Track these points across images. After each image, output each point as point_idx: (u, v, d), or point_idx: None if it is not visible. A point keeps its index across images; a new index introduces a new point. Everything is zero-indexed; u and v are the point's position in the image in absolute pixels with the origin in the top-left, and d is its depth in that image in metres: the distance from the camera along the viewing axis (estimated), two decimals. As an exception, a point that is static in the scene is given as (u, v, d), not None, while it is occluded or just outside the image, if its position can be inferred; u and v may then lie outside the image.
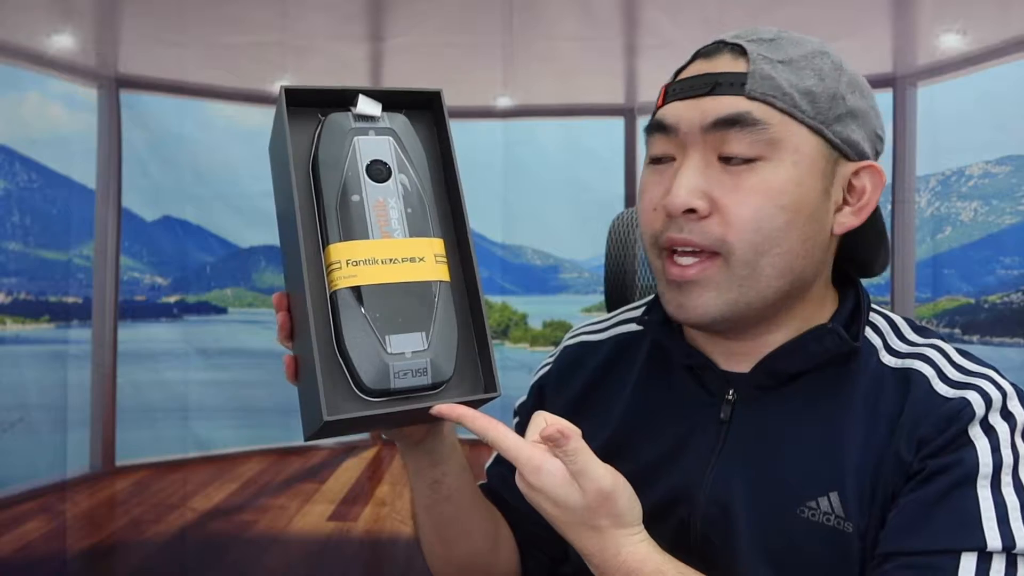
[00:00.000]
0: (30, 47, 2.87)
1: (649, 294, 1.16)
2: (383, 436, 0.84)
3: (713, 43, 0.79)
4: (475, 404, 0.71)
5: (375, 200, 0.69)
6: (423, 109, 0.76)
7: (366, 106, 0.72)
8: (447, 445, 0.82)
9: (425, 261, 0.69)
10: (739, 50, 0.76)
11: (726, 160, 0.73)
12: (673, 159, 0.77)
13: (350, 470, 3.32)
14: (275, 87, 3.19)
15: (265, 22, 3.06)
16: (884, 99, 2.83)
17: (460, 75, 3.24)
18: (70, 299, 3.03)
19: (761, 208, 0.72)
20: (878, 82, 2.81)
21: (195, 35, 3.03)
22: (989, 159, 2.96)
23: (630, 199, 3.15)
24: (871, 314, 0.82)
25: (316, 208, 0.70)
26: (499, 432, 0.69)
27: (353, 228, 0.68)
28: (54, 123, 3.02)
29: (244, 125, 3.28)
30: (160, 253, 3.28)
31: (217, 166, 3.17)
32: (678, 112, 0.75)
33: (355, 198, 0.69)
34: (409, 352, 0.68)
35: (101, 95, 3.06)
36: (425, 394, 0.69)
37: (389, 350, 0.67)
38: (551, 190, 3.17)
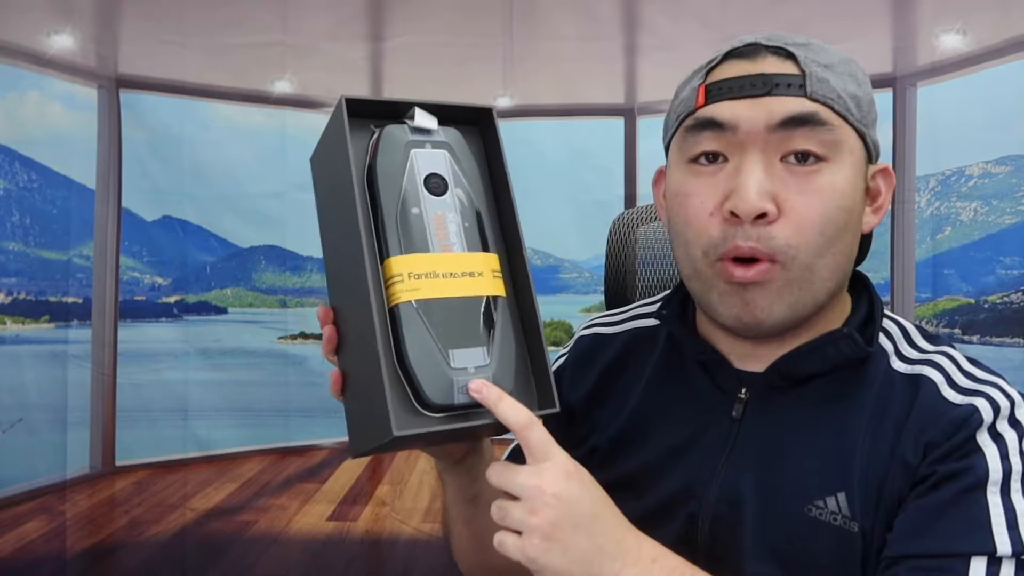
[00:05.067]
0: (30, 47, 2.87)
1: (649, 294, 1.16)
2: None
3: (747, 45, 0.77)
4: None
5: (434, 213, 0.69)
6: (473, 124, 0.76)
7: (423, 119, 0.71)
8: (486, 460, 0.81)
9: (483, 276, 0.69)
10: (783, 53, 0.75)
11: (788, 161, 0.74)
12: (723, 158, 0.76)
13: (350, 470, 3.33)
14: (275, 87, 3.20)
15: (265, 22, 3.06)
16: (884, 99, 2.84)
17: (460, 75, 3.24)
18: (70, 299, 3.03)
19: (827, 210, 0.73)
20: (878, 82, 2.82)
21: (195, 35, 3.03)
22: (989, 159, 2.96)
23: (630, 199, 3.15)
24: (884, 320, 0.82)
25: (373, 220, 0.69)
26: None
27: (413, 241, 0.68)
28: (54, 123, 3.03)
29: (244, 125, 3.28)
30: (160, 253, 3.29)
31: (217, 166, 3.18)
32: (735, 111, 0.74)
33: (415, 211, 0.68)
34: (472, 367, 0.67)
35: (101, 95, 3.07)
36: (484, 410, 0.67)
37: (453, 365, 0.67)
38: (551, 190, 3.17)
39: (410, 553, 2.93)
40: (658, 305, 0.90)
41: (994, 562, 0.67)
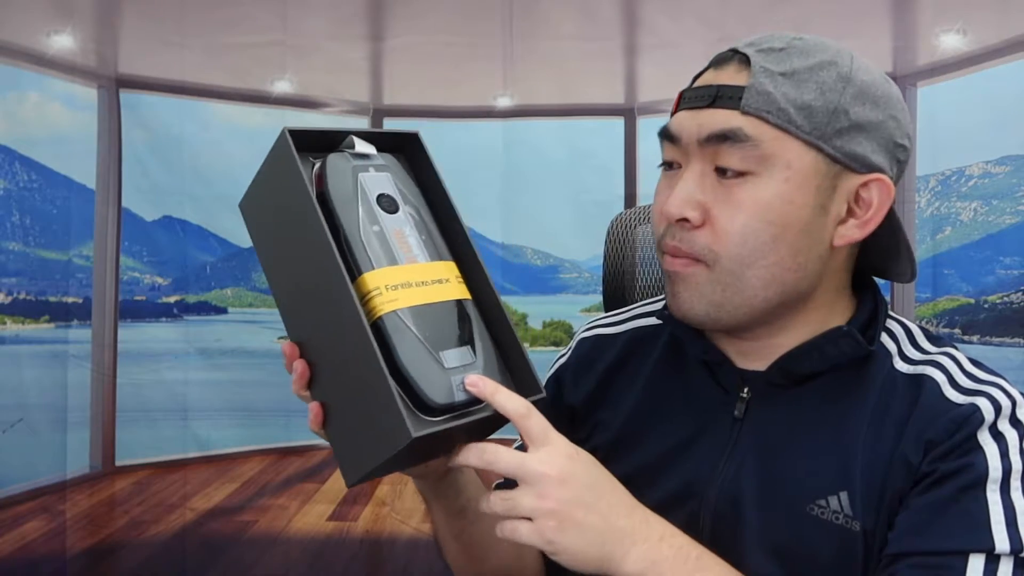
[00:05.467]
0: (30, 47, 2.87)
1: (648, 295, 1.16)
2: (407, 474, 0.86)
3: (727, 51, 0.79)
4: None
5: (393, 229, 0.72)
6: (399, 151, 0.79)
7: (362, 146, 0.75)
8: (465, 472, 0.83)
9: (450, 282, 0.73)
10: (745, 60, 0.76)
11: (720, 172, 0.75)
12: (680, 166, 0.79)
13: (350, 470, 3.33)
14: (275, 87, 3.20)
15: (265, 22, 3.06)
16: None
17: (460, 75, 3.24)
18: (70, 299, 3.03)
19: (747, 223, 0.74)
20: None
21: (195, 35, 3.03)
22: (989, 159, 2.97)
23: (630, 199, 3.15)
24: (888, 321, 0.83)
25: (336, 243, 0.72)
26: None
27: (382, 256, 0.71)
28: (54, 123, 3.03)
29: (244, 125, 3.28)
30: (160, 253, 3.29)
31: (217, 166, 3.18)
32: (681, 122, 0.77)
33: (376, 229, 0.72)
34: (462, 365, 0.70)
35: (101, 95, 3.07)
36: (480, 406, 0.70)
37: (446, 365, 0.69)
38: (551, 190, 3.18)
39: (410, 553, 2.93)
40: (661, 305, 0.90)
41: (992, 559, 0.68)
